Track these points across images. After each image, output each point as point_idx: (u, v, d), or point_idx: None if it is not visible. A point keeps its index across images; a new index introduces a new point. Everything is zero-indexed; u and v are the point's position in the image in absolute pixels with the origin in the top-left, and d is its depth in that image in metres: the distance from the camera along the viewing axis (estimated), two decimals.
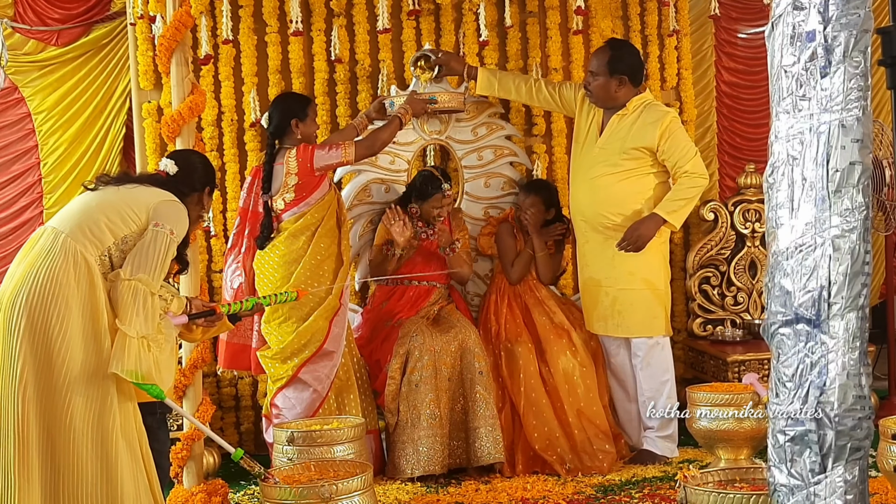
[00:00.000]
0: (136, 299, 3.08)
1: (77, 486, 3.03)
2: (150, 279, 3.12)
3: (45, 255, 3.06)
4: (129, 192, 3.28)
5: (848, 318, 1.79)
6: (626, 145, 4.67)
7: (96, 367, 3.06)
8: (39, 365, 3.01)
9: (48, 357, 3.01)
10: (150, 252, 3.15)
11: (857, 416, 1.78)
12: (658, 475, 4.45)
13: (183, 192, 3.42)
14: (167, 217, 3.23)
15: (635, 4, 5.61)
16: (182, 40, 4.31)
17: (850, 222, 1.81)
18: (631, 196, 4.68)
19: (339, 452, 3.86)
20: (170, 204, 3.30)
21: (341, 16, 5.30)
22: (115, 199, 3.25)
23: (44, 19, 5.67)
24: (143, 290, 3.10)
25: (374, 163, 5.10)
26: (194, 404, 4.29)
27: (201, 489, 4.20)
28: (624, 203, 4.67)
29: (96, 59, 5.76)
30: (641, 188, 4.69)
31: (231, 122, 5.30)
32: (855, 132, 1.82)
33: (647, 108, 4.73)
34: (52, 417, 3.02)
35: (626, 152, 4.66)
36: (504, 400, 4.69)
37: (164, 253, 3.18)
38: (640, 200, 4.68)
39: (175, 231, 3.23)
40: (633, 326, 4.71)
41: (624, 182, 4.68)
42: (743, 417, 4.13)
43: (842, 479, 1.77)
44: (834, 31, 1.83)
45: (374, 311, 4.95)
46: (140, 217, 3.20)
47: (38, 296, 3.01)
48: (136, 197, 3.26)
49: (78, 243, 3.07)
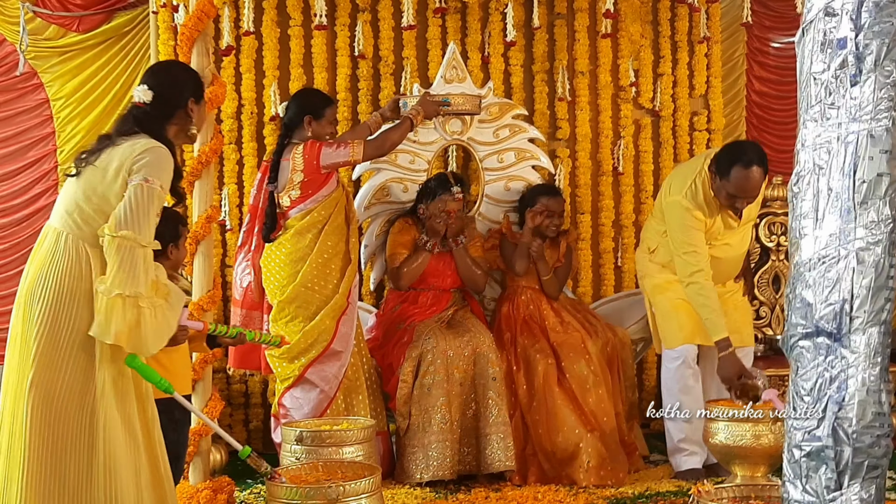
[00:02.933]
0: (120, 254, 2.97)
1: (78, 484, 3.04)
2: (135, 235, 2.99)
3: (51, 258, 3.02)
4: (103, 165, 3.09)
5: (870, 333, 1.78)
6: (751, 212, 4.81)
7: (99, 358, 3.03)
8: (49, 371, 2.99)
9: (58, 359, 2.99)
10: (129, 208, 3.00)
11: (876, 434, 1.77)
12: (672, 489, 4.43)
13: (163, 119, 3.22)
14: (141, 168, 3.04)
15: (666, 9, 5.61)
16: (204, 30, 4.35)
17: (875, 235, 1.80)
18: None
19: (348, 454, 3.86)
20: (141, 154, 3.07)
21: (366, 11, 5.32)
22: (93, 178, 3.10)
23: (66, 4, 5.71)
24: (127, 245, 2.97)
25: (393, 161, 5.11)
26: (203, 400, 4.33)
27: (207, 485, 4.22)
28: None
29: (117, 47, 5.81)
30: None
31: (251, 115, 5.33)
32: (884, 143, 1.81)
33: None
34: (55, 423, 3.02)
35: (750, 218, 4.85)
36: (515, 407, 4.69)
37: (145, 205, 3.01)
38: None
39: (152, 178, 3.04)
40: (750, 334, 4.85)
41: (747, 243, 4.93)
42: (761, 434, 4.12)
43: (857, 497, 1.76)
44: (866, 39, 1.82)
45: (387, 314, 4.96)
46: (117, 186, 3.04)
47: (49, 303, 2.98)
48: (107, 168, 3.08)
49: (78, 238, 3.02)
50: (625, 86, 5.58)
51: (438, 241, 4.84)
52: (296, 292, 4.45)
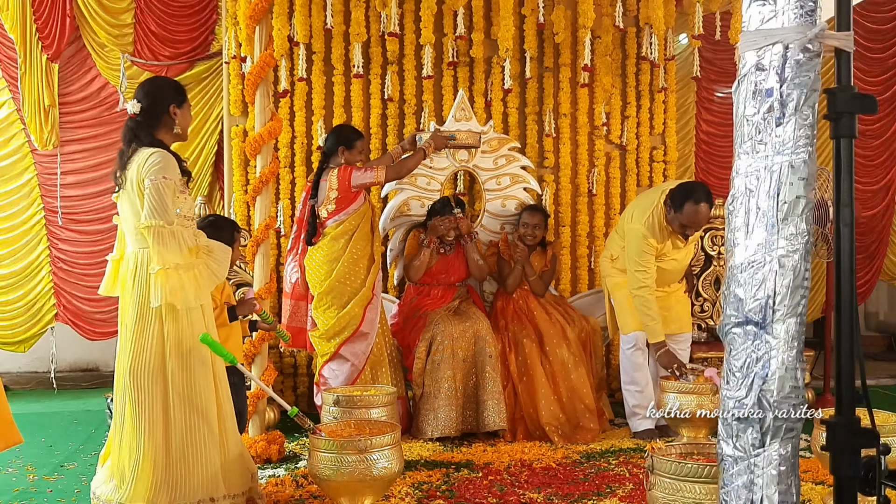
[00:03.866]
0: (152, 238, 3.00)
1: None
2: (159, 221, 2.99)
3: (133, 279, 3.09)
4: (127, 186, 3.11)
5: (788, 323, 1.77)
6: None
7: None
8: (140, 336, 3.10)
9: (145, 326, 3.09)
10: (150, 202, 3.00)
11: (792, 403, 1.76)
12: (632, 446, 4.42)
13: (152, 125, 3.18)
14: (150, 172, 3.03)
15: (632, 65, 5.60)
16: (265, 77, 4.35)
17: (794, 245, 1.80)
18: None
19: (374, 414, 3.85)
20: (146, 162, 3.06)
21: (394, 63, 5.34)
22: (128, 199, 3.12)
23: (156, 56, 5.74)
24: (155, 230, 2.99)
25: (413, 183, 5.12)
26: (261, 370, 4.33)
27: (263, 437, 4.23)
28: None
29: (197, 89, 5.84)
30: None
31: (301, 145, 5.34)
32: (801, 172, 1.80)
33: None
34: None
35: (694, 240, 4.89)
36: (507, 380, 4.68)
37: (160, 196, 3.00)
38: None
39: (157, 175, 3.01)
40: (687, 323, 4.85)
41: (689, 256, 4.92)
42: (703, 403, 4.10)
43: (777, 453, 1.75)
44: (788, 90, 1.81)
45: (406, 305, 4.95)
46: (137, 198, 3.07)
47: (138, 317, 3.08)
48: (131, 187, 3.09)
49: (142, 252, 3.08)
50: (598, 125, 5.58)
51: (437, 240, 4.85)
52: (332, 286, 4.46)
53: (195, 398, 3.12)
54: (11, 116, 5.87)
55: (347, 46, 5.26)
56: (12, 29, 5.63)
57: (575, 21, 5.36)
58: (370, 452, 3.15)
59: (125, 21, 5.71)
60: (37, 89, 5.74)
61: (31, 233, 5.95)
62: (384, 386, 4.24)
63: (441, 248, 4.89)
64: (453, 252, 4.91)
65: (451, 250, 4.91)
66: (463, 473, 3.95)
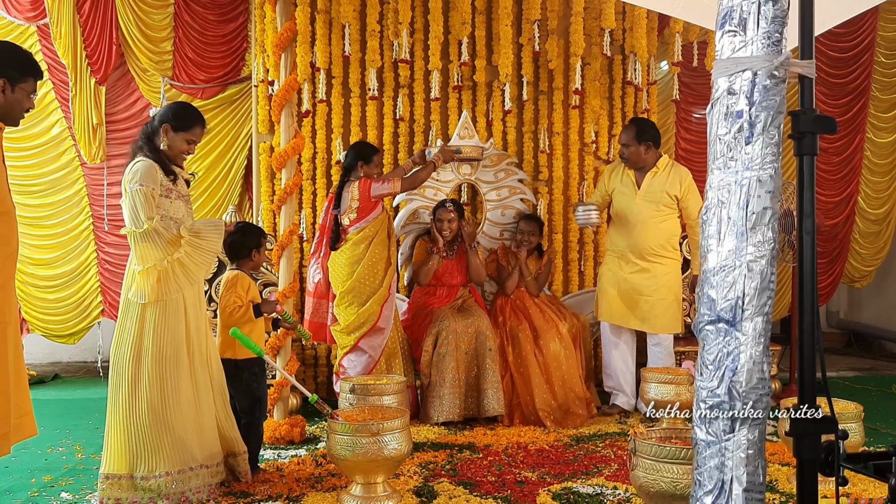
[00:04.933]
0: (131, 243, 3.12)
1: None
2: (135, 228, 3.07)
3: (126, 274, 3.27)
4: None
5: (756, 321, 1.77)
6: (664, 194, 4.64)
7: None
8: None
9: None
10: (126, 211, 3.12)
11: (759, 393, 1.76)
12: (617, 431, 4.41)
13: (153, 139, 3.28)
14: (129, 181, 3.12)
15: (618, 89, 5.59)
16: (290, 99, 4.37)
17: (761, 251, 1.80)
18: (666, 233, 4.69)
19: (386, 401, 3.87)
20: (127, 172, 3.16)
21: (405, 87, 5.34)
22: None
23: (193, 80, 5.76)
24: (132, 235, 3.09)
25: (421, 194, 5.12)
26: (285, 360, 4.34)
27: (286, 421, 4.24)
28: (662, 237, 4.68)
29: (229, 110, 5.85)
30: (672, 226, 4.71)
31: (322, 160, 5.34)
32: (768, 185, 1.80)
33: (675, 167, 4.74)
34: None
35: (664, 201, 4.65)
36: (505, 370, 4.67)
37: (136, 204, 3.09)
38: (671, 235, 4.71)
39: (134, 184, 3.09)
40: (665, 325, 4.72)
41: (663, 223, 4.68)
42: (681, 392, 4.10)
43: (745, 437, 1.75)
44: (756, 112, 1.81)
45: (415, 303, 4.95)
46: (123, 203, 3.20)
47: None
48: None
49: (132, 252, 3.22)
50: (588, 143, 5.56)
51: (444, 247, 4.84)
52: (352, 286, 4.46)
53: (167, 378, 3.17)
54: (63, 133, 5.90)
55: (363, 72, 5.27)
56: (64, 56, 5.65)
57: (567, 50, 5.36)
58: (382, 435, 3.16)
59: (165, 49, 5.73)
60: (86, 109, 5.76)
61: (81, 238, 5.97)
62: (395, 376, 4.25)
63: (446, 254, 4.89)
64: (456, 257, 4.92)
65: (454, 255, 4.91)
66: (465, 454, 3.95)
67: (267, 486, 3.45)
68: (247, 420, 3.60)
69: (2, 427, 2.57)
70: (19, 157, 5.82)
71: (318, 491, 3.40)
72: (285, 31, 4.37)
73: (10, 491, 3.49)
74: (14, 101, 2.69)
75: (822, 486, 1.86)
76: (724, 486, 1.75)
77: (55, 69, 5.78)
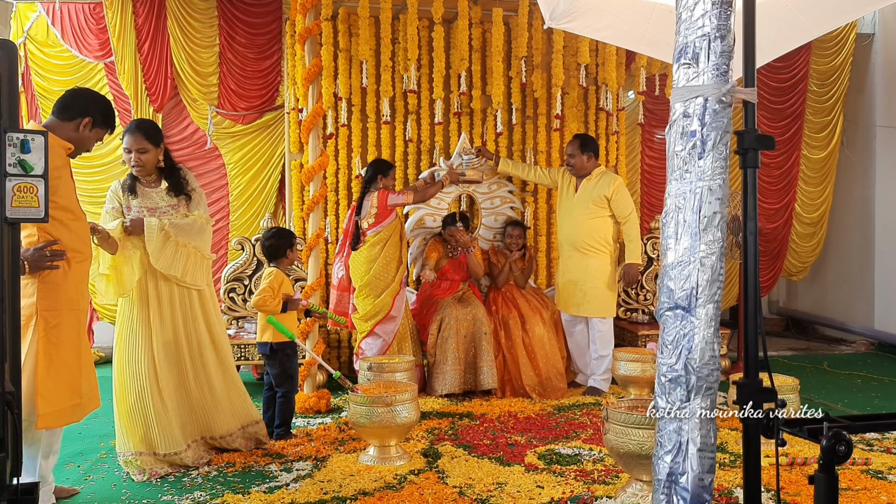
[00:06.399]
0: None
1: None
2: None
3: None
4: None
5: (707, 308, 1.77)
6: (595, 196, 4.62)
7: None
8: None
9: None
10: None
11: (711, 368, 1.76)
12: (592, 402, 4.41)
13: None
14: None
15: (592, 114, 5.58)
16: (317, 124, 4.37)
17: (712, 249, 1.80)
18: (598, 229, 4.64)
19: (398, 377, 3.87)
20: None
21: (414, 113, 5.33)
22: None
23: (235, 107, 5.76)
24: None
25: (428, 204, 5.11)
26: (313, 343, 4.34)
27: (314, 394, 4.24)
28: (594, 233, 4.63)
29: (265, 133, 5.85)
30: (602, 223, 4.66)
31: (344, 175, 5.33)
32: (718, 193, 1.81)
33: (606, 174, 4.71)
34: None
35: (594, 201, 4.62)
36: (498, 351, 4.67)
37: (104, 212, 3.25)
38: (602, 231, 4.66)
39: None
40: (596, 310, 4.65)
41: (593, 220, 4.64)
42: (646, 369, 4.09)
43: (699, 406, 1.75)
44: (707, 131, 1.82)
45: (422, 295, 4.95)
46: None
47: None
48: None
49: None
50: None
51: (457, 252, 4.85)
52: (370, 280, 4.46)
53: (167, 362, 3.14)
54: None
55: (378, 101, 5.26)
56: (127, 88, 5.66)
57: (549, 81, 5.35)
58: (394, 405, 3.17)
59: (212, 82, 5.73)
60: None
61: None
62: (405, 356, 4.25)
63: (450, 254, 4.90)
64: (457, 258, 4.93)
65: (457, 256, 4.92)
66: (465, 422, 3.95)
67: (298, 448, 3.46)
68: (282, 393, 3.60)
69: (75, 398, 2.57)
70: (90, 173, 5.82)
71: (341, 453, 3.40)
72: (312, 66, 4.38)
73: (84, 453, 3.50)
74: (88, 138, 2.76)
75: (764, 447, 1.86)
76: (682, 447, 1.75)
77: (119, 99, 5.78)
